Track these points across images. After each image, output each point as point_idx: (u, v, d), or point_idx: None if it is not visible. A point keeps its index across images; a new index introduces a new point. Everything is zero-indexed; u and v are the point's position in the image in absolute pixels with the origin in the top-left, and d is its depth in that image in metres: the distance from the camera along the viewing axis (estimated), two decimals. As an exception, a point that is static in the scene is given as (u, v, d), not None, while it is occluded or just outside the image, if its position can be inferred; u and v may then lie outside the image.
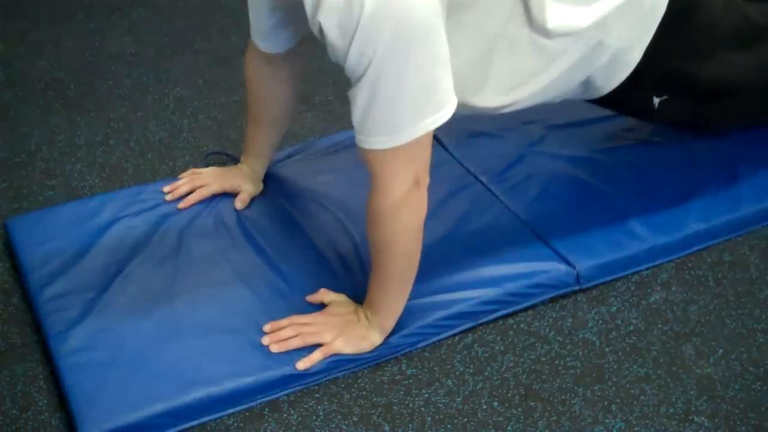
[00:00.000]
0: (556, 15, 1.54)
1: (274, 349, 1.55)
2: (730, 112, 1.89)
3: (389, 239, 1.50)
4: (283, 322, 1.59)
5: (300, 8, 1.39)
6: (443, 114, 1.41)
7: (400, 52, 1.33)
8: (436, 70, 1.39)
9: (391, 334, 1.59)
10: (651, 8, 1.62)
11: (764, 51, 1.78)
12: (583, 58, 1.60)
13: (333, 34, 1.34)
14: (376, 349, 1.57)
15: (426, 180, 1.47)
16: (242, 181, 1.87)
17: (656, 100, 1.76)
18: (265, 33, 1.70)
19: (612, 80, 1.67)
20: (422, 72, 1.36)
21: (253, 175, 1.90)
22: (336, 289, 1.65)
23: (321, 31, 1.36)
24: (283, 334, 1.56)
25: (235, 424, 1.50)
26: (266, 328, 1.58)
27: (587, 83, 1.67)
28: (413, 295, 1.58)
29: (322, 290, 1.65)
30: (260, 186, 1.90)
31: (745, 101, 1.86)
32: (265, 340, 1.56)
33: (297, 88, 1.84)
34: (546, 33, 1.55)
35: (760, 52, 1.78)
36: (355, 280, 1.68)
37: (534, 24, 1.54)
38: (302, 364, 1.53)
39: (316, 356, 1.54)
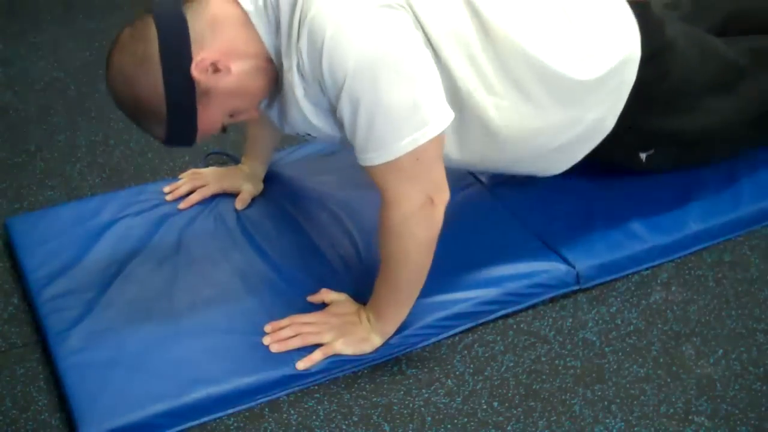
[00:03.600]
0: None
1: (274, 349, 1.55)
2: (718, 151, 1.90)
3: (399, 252, 1.50)
4: (284, 321, 1.59)
5: None
6: (427, 131, 1.41)
7: (367, 72, 1.35)
8: (414, 88, 1.39)
9: (392, 335, 1.59)
10: (618, 85, 1.64)
11: (745, 90, 1.79)
12: (561, 128, 1.63)
13: (306, 61, 1.38)
14: (376, 350, 1.57)
15: (443, 197, 1.47)
16: (243, 182, 1.88)
17: (643, 156, 1.79)
18: None
19: (585, 146, 1.70)
20: (397, 90, 1.38)
21: (254, 175, 1.90)
22: (336, 289, 1.65)
23: (299, 63, 1.40)
24: (283, 334, 1.56)
25: (235, 424, 1.50)
26: (267, 328, 1.58)
27: (561, 149, 1.68)
28: (413, 296, 1.58)
29: (324, 290, 1.65)
30: (260, 186, 1.90)
31: (733, 139, 1.87)
32: (266, 340, 1.56)
33: None
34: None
35: (741, 92, 1.79)
36: (355, 279, 1.68)
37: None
38: (302, 364, 1.53)
39: (316, 356, 1.54)
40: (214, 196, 1.87)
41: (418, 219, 1.46)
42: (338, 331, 1.56)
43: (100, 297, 1.64)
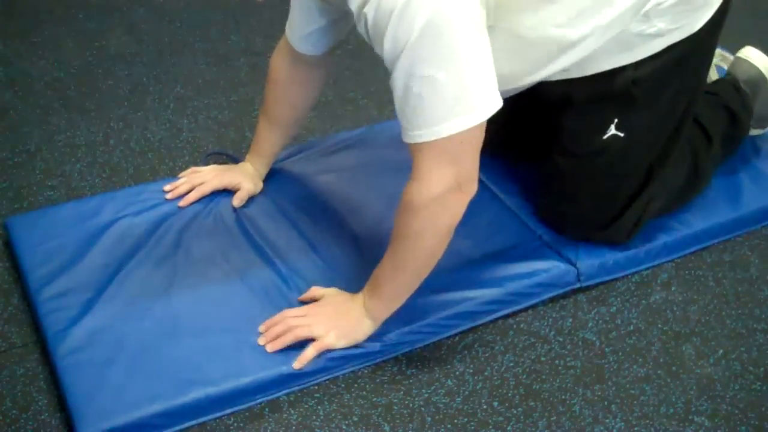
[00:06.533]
0: None
1: (269, 349, 1.54)
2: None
3: (415, 231, 1.47)
4: (276, 318, 1.58)
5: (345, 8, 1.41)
6: (476, 116, 1.39)
7: (431, 44, 1.33)
8: (470, 70, 1.37)
9: (391, 333, 1.58)
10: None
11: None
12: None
13: (372, 23, 1.35)
14: (372, 344, 1.57)
15: (471, 188, 1.45)
16: (242, 179, 1.87)
17: (611, 130, 1.68)
18: (307, 35, 1.69)
19: (613, 55, 1.60)
20: (453, 69, 1.35)
21: (255, 174, 1.89)
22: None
23: (365, 23, 1.37)
24: (276, 331, 1.56)
25: (235, 424, 1.50)
26: (261, 328, 1.58)
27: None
28: (414, 294, 1.57)
29: (313, 287, 1.64)
30: (260, 185, 1.90)
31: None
32: (261, 341, 1.56)
33: (321, 90, 1.84)
34: None
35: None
36: (354, 280, 1.68)
37: None
38: (297, 364, 1.52)
39: (309, 353, 1.53)
40: (214, 195, 1.87)
41: (444, 202, 1.43)
42: (329, 323, 1.55)
43: (99, 297, 1.63)
